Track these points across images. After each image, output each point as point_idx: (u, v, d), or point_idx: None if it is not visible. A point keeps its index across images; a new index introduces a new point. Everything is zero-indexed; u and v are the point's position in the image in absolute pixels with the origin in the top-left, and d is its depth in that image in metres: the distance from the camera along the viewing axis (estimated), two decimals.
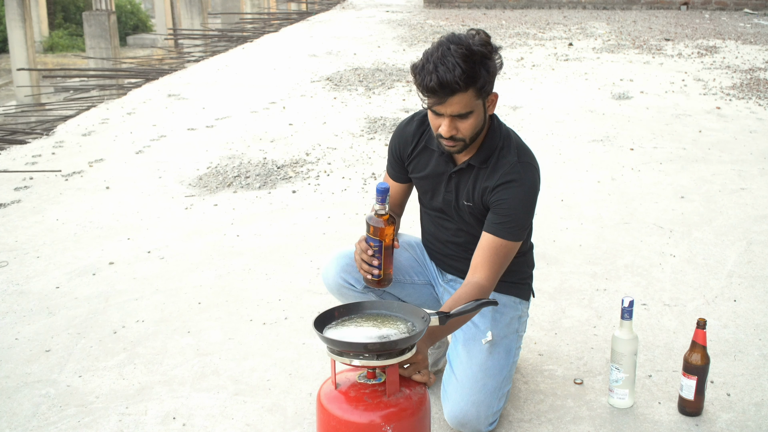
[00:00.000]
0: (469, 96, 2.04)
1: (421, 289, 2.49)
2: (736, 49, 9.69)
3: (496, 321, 2.32)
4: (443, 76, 1.99)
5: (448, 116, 2.07)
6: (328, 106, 6.69)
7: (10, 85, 16.51)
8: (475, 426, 2.22)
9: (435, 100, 2.05)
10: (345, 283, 2.36)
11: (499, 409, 2.26)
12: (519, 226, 2.17)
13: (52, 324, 2.99)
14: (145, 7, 26.60)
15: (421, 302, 2.50)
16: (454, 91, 2.01)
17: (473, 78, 2.02)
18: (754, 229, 3.88)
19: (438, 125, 2.12)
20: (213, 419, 2.39)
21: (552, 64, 8.76)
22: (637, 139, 5.56)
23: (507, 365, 2.29)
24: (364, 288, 2.36)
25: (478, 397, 2.21)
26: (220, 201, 4.39)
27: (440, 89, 2.01)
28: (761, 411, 2.40)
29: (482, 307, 2.06)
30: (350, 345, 1.84)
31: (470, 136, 2.13)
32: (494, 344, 2.28)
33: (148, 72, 10.99)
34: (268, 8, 21.45)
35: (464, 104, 2.05)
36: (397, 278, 2.43)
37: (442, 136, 2.11)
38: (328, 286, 2.43)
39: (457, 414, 2.22)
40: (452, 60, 1.99)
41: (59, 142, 5.75)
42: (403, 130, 2.38)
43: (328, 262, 2.41)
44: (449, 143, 2.13)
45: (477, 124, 2.12)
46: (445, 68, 1.99)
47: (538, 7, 15.26)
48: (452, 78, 1.98)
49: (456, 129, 2.10)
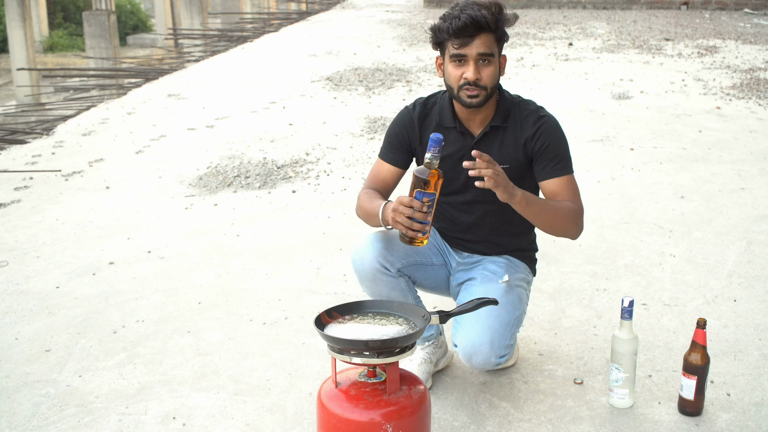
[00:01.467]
0: (492, 40, 2.22)
1: (438, 270, 2.52)
2: (736, 49, 9.69)
3: (511, 271, 2.44)
4: (472, 14, 2.17)
5: (473, 59, 2.20)
6: (328, 106, 6.69)
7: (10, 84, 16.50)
8: (488, 354, 2.25)
9: (462, 41, 2.19)
10: (382, 268, 2.33)
11: (510, 344, 2.30)
12: (570, 160, 2.35)
13: (52, 324, 2.99)
14: (145, 6, 26.60)
15: (437, 284, 2.53)
16: (482, 29, 2.18)
17: (497, 21, 2.21)
18: (754, 228, 3.88)
19: (461, 74, 2.23)
20: (213, 419, 2.39)
21: (552, 64, 8.76)
22: (637, 138, 5.56)
23: (519, 308, 2.37)
24: (397, 272, 2.37)
25: (494, 324, 2.26)
26: (220, 201, 4.39)
27: (471, 25, 2.17)
28: (761, 411, 2.40)
29: (482, 305, 2.06)
30: (351, 343, 1.85)
31: (491, 84, 2.25)
32: (510, 286, 2.38)
33: (148, 72, 11.00)
34: (268, 8, 21.46)
35: (489, 45, 2.21)
36: (421, 261, 2.45)
37: (468, 82, 2.22)
38: (363, 271, 2.36)
39: (472, 340, 2.25)
40: (476, 6, 2.20)
41: (59, 141, 5.75)
42: (407, 115, 2.41)
43: (363, 248, 2.36)
44: (473, 92, 2.23)
45: (496, 74, 2.26)
46: (471, 10, 2.19)
47: (538, 6, 15.26)
48: (480, 15, 2.17)
49: (479, 75, 2.22)
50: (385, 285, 2.36)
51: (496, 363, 2.28)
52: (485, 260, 2.47)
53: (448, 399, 2.46)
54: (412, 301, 2.41)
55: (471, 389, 2.51)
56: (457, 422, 2.35)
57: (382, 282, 2.36)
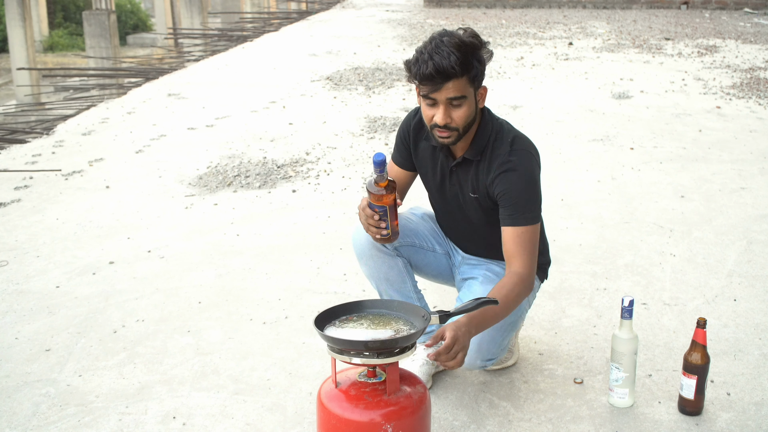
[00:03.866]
0: (463, 83, 2.13)
1: (441, 258, 2.53)
2: (736, 49, 9.69)
3: None
4: (439, 62, 2.08)
5: (443, 103, 2.14)
6: (328, 106, 6.69)
7: (10, 84, 16.51)
8: (473, 357, 2.27)
9: (431, 88, 2.12)
10: (378, 244, 2.37)
11: (502, 347, 2.31)
12: (530, 209, 2.23)
13: (52, 323, 2.99)
14: (145, 6, 26.59)
15: (439, 271, 2.55)
16: (449, 77, 2.09)
17: (467, 65, 2.11)
18: (754, 228, 3.88)
19: (432, 115, 2.18)
20: (213, 418, 2.39)
21: (552, 64, 8.76)
22: (637, 138, 5.56)
23: (515, 313, 2.34)
24: (394, 250, 2.40)
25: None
26: (220, 200, 4.38)
27: (437, 75, 2.09)
28: (761, 410, 2.40)
29: (483, 305, 2.06)
30: (351, 343, 1.85)
31: (463, 125, 2.19)
32: None
33: (148, 71, 10.99)
34: (268, 7, 21.46)
35: (459, 89, 2.13)
36: (420, 244, 2.47)
37: (437, 125, 2.18)
38: (360, 248, 2.41)
39: None
40: (446, 49, 2.09)
41: (59, 141, 5.75)
42: (410, 121, 2.44)
43: (359, 226, 2.41)
44: (443, 133, 2.19)
45: (469, 114, 2.19)
46: (440, 56, 2.08)
47: (538, 6, 15.26)
48: (448, 63, 2.08)
49: (450, 117, 2.16)
50: (383, 263, 2.39)
51: (481, 365, 2.30)
52: (490, 261, 2.49)
53: (448, 399, 2.46)
54: (411, 287, 2.46)
55: (471, 389, 2.51)
56: (458, 422, 2.35)
57: (379, 260, 2.39)
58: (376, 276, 2.43)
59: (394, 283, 2.43)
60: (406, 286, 2.44)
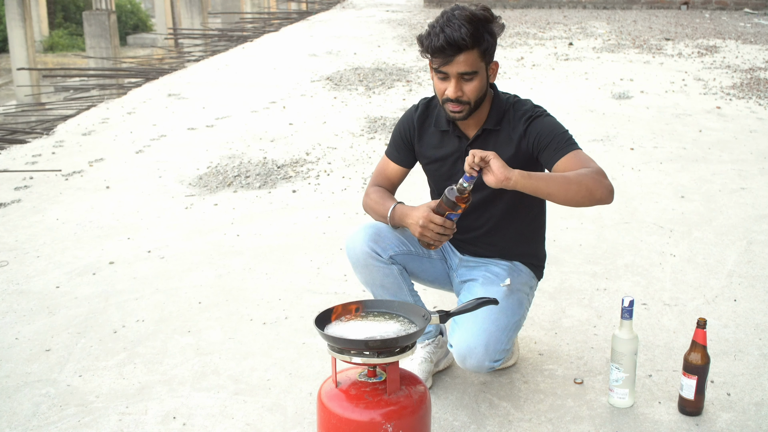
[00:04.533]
0: (475, 56, 2.15)
1: (437, 263, 2.53)
2: (737, 49, 9.69)
3: (513, 276, 2.42)
4: (450, 35, 2.11)
5: (455, 77, 2.17)
6: (328, 106, 6.69)
7: (10, 84, 16.51)
8: (482, 358, 2.24)
9: (442, 60, 2.15)
10: (373, 253, 2.36)
11: (506, 349, 2.29)
12: (572, 141, 2.23)
13: (53, 323, 2.99)
14: (145, 6, 26.60)
15: (435, 277, 2.54)
16: (461, 49, 2.12)
17: (478, 38, 2.14)
18: (754, 228, 3.88)
19: (444, 89, 2.21)
20: (213, 419, 2.39)
21: (552, 64, 8.76)
22: (637, 138, 5.56)
23: (518, 313, 2.35)
24: (389, 258, 2.39)
25: (490, 328, 2.24)
26: (220, 200, 4.39)
27: (448, 47, 2.12)
28: (761, 411, 2.39)
29: (483, 305, 2.06)
30: (351, 342, 1.85)
31: (475, 99, 2.21)
32: (511, 290, 2.36)
33: (148, 71, 11.00)
34: (268, 8, 21.47)
35: (470, 63, 2.15)
36: (416, 251, 2.47)
37: (449, 98, 2.19)
38: (354, 257, 2.40)
39: (467, 342, 2.24)
40: (457, 22, 2.12)
41: (59, 141, 5.75)
42: (410, 116, 2.44)
43: (355, 233, 2.41)
44: (455, 107, 2.21)
45: (481, 88, 2.21)
46: (451, 29, 2.11)
47: (538, 6, 15.26)
48: (459, 36, 2.10)
49: (461, 91, 2.18)
50: (378, 272, 2.37)
51: (489, 367, 2.27)
52: (489, 261, 2.47)
53: (448, 399, 2.46)
54: (407, 292, 2.44)
55: (471, 389, 2.51)
56: (458, 422, 2.35)
57: (374, 268, 2.37)
58: (371, 283, 2.41)
59: (390, 289, 2.41)
60: (402, 291, 2.43)
